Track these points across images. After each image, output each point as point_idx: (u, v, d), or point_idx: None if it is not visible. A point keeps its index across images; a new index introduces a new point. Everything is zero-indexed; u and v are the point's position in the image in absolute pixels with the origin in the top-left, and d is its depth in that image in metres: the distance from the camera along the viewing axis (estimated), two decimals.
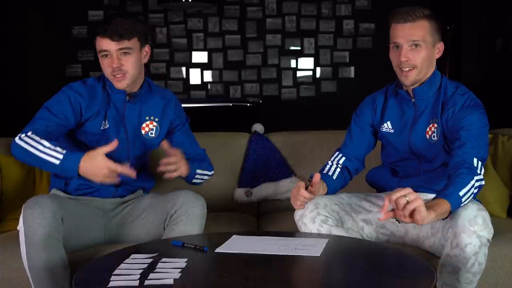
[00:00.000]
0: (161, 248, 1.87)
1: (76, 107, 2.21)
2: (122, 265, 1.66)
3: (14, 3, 6.24)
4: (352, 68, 6.72)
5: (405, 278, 1.63)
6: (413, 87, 2.17)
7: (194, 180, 2.36)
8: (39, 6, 6.35)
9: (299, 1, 6.63)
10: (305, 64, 6.75)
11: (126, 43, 2.16)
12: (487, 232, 1.90)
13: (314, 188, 2.08)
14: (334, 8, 6.65)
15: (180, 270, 1.62)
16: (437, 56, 2.16)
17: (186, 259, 1.71)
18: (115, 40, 2.15)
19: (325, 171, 2.28)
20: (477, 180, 1.96)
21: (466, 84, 2.24)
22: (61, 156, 2.01)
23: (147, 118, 2.32)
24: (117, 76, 2.19)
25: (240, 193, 2.90)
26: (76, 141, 2.27)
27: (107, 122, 2.25)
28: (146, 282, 1.52)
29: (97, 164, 1.98)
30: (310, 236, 2.05)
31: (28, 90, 6.30)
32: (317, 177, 2.06)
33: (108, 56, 2.18)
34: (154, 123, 2.33)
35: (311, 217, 2.09)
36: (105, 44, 2.16)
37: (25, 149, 2.05)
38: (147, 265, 1.66)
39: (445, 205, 1.87)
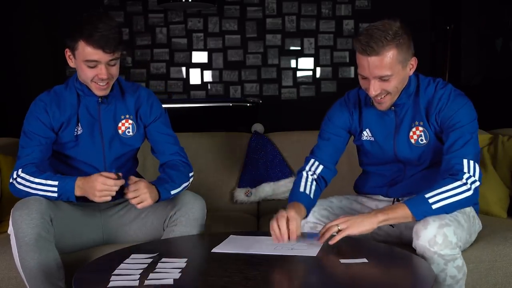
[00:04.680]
0: (161, 248, 1.87)
1: (46, 121, 2.16)
2: (122, 265, 1.66)
3: (14, 4, 6.24)
4: (352, 68, 6.71)
5: (405, 278, 1.63)
6: None
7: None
8: (39, 6, 6.35)
9: (299, 1, 6.63)
10: (305, 64, 6.74)
11: (116, 55, 2.06)
12: (449, 249, 1.82)
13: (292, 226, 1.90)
14: (334, 8, 6.65)
15: (180, 270, 1.62)
16: (411, 72, 2.01)
17: (186, 259, 1.71)
18: (108, 53, 2.03)
19: (301, 189, 2.10)
20: (464, 184, 1.88)
21: (466, 84, 2.23)
22: (55, 189, 2.05)
23: (122, 117, 2.24)
24: (101, 84, 2.10)
25: (240, 193, 2.90)
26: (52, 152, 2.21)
27: (80, 127, 2.20)
28: (146, 282, 1.52)
29: (91, 181, 2.01)
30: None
31: (29, 90, 6.29)
32: (293, 235, 1.87)
33: (96, 66, 2.06)
34: (130, 121, 2.25)
35: None
36: (96, 55, 2.03)
37: (21, 190, 2.10)
38: (147, 265, 1.66)
39: (400, 209, 1.87)
